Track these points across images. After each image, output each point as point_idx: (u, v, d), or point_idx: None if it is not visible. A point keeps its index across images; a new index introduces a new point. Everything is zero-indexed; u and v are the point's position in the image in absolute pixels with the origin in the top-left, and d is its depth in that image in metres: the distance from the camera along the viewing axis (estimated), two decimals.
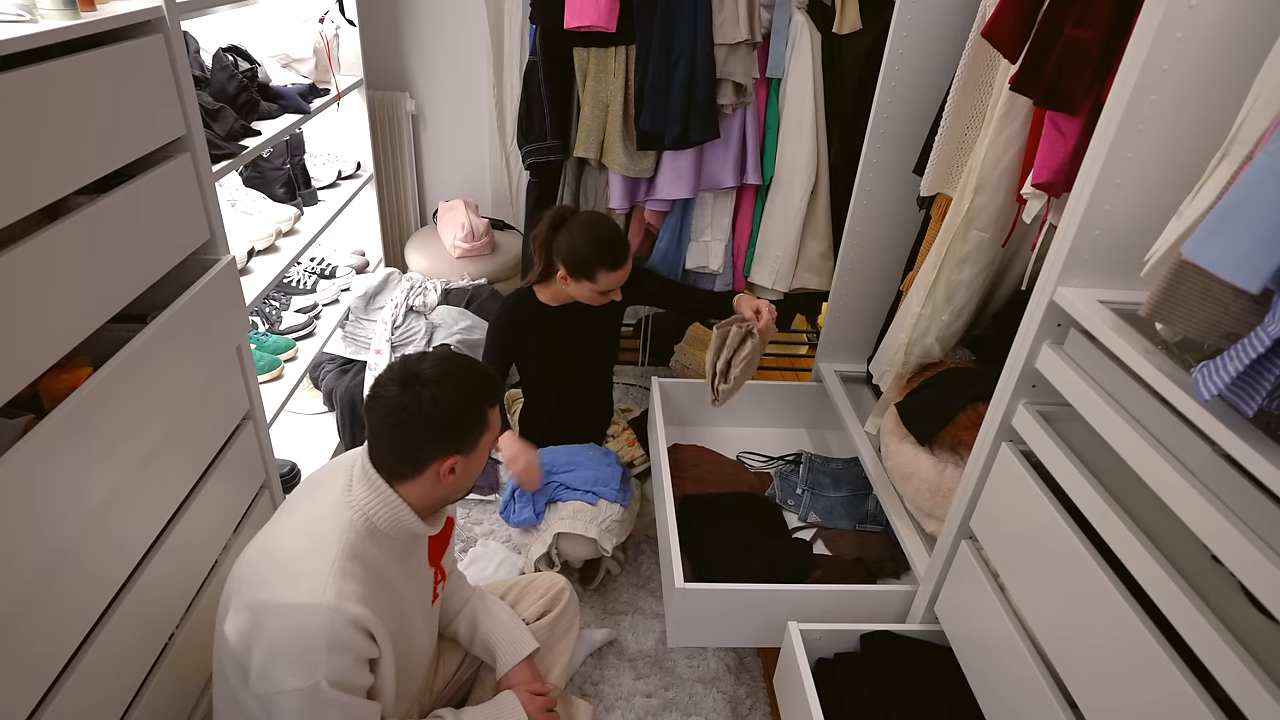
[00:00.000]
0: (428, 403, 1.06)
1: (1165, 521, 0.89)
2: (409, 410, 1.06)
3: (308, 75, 2.21)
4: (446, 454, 1.10)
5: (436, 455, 1.09)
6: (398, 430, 1.07)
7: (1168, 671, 0.84)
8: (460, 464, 1.12)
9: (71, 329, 1.00)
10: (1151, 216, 0.99)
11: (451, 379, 1.08)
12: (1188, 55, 0.91)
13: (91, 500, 1.04)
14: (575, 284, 1.76)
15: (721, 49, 1.93)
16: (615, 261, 1.71)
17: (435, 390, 1.06)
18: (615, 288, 1.77)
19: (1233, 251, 0.70)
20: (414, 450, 1.09)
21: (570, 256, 1.73)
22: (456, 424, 1.10)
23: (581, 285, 1.75)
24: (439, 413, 1.07)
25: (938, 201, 1.67)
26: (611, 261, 1.71)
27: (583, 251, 1.71)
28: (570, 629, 1.53)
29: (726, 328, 1.73)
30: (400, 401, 1.06)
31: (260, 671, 1.00)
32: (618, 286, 1.78)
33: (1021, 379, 1.16)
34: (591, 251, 1.71)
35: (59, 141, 0.96)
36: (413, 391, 1.06)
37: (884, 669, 1.35)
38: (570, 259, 1.73)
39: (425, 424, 1.07)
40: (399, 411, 1.06)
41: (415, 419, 1.06)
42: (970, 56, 1.46)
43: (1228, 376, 0.72)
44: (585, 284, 1.74)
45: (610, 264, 1.71)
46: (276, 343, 2.10)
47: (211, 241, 1.38)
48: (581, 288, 1.76)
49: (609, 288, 1.75)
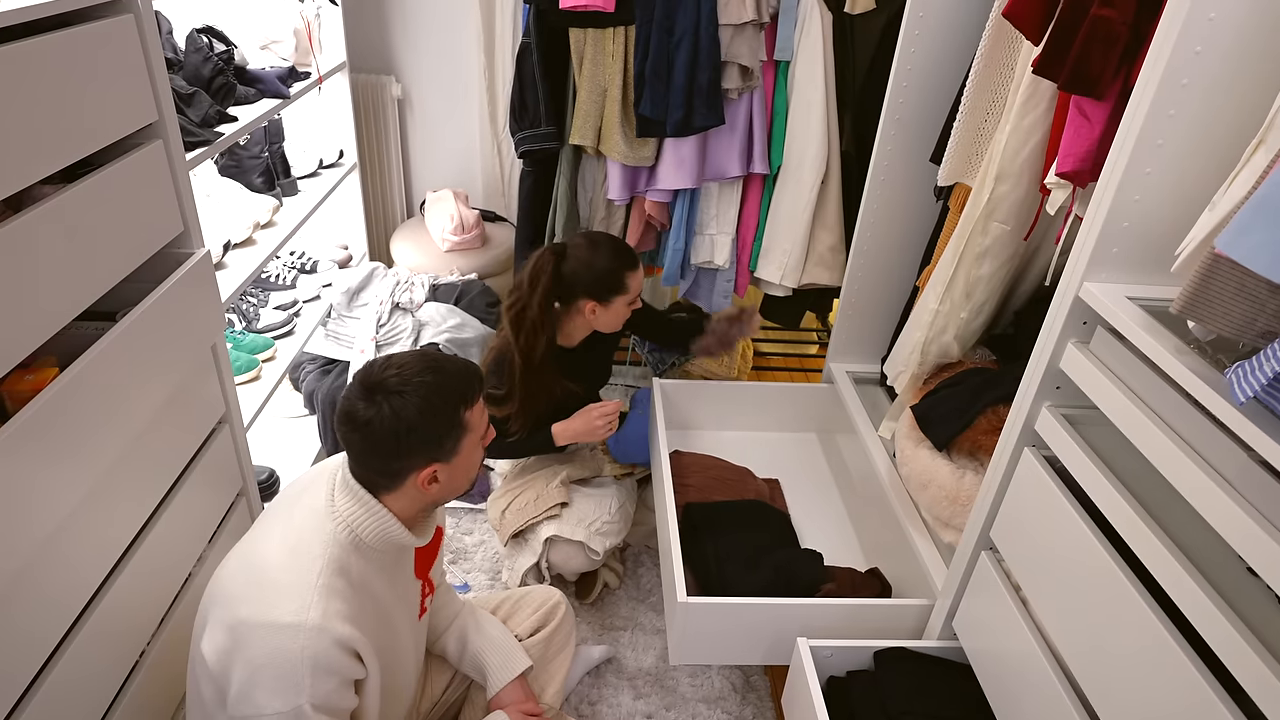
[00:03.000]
0: (389, 417, 1.04)
1: (1197, 531, 0.89)
2: (371, 424, 1.04)
3: (287, 57, 2.21)
4: (423, 464, 1.09)
5: (413, 467, 1.08)
6: (365, 444, 1.07)
7: (1200, 690, 0.84)
8: (442, 470, 1.11)
9: (36, 327, 1.00)
10: (1183, 208, 0.99)
11: (415, 388, 1.06)
12: (1221, 36, 0.90)
13: (57, 509, 1.04)
14: (606, 307, 1.74)
15: (726, 30, 1.93)
16: (630, 260, 1.75)
17: (398, 402, 1.04)
18: (640, 291, 1.80)
19: (1270, 245, 0.70)
20: (386, 464, 1.08)
21: (593, 279, 1.71)
22: (426, 434, 1.08)
23: (614, 304, 1.74)
24: (403, 426, 1.05)
25: (956, 192, 1.67)
26: (632, 261, 1.75)
27: (603, 265, 1.71)
28: (566, 646, 1.53)
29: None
30: (364, 415, 1.04)
31: (240, 693, 1.00)
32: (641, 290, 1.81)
33: (1045, 380, 1.15)
34: (612, 261, 1.72)
35: (23, 128, 0.96)
36: (375, 404, 1.04)
37: (899, 688, 1.35)
38: (595, 283, 1.72)
39: (391, 438, 1.05)
40: (363, 426, 1.05)
41: (379, 433, 1.05)
42: (990, 38, 1.46)
43: (1264, 378, 0.72)
44: (618, 300, 1.74)
45: (632, 263, 1.75)
46: (254, 342, 2.10)
47: (185, 234, 1.38)
48: (614, 307, 1.75)
49: (638, 291, 1.78)
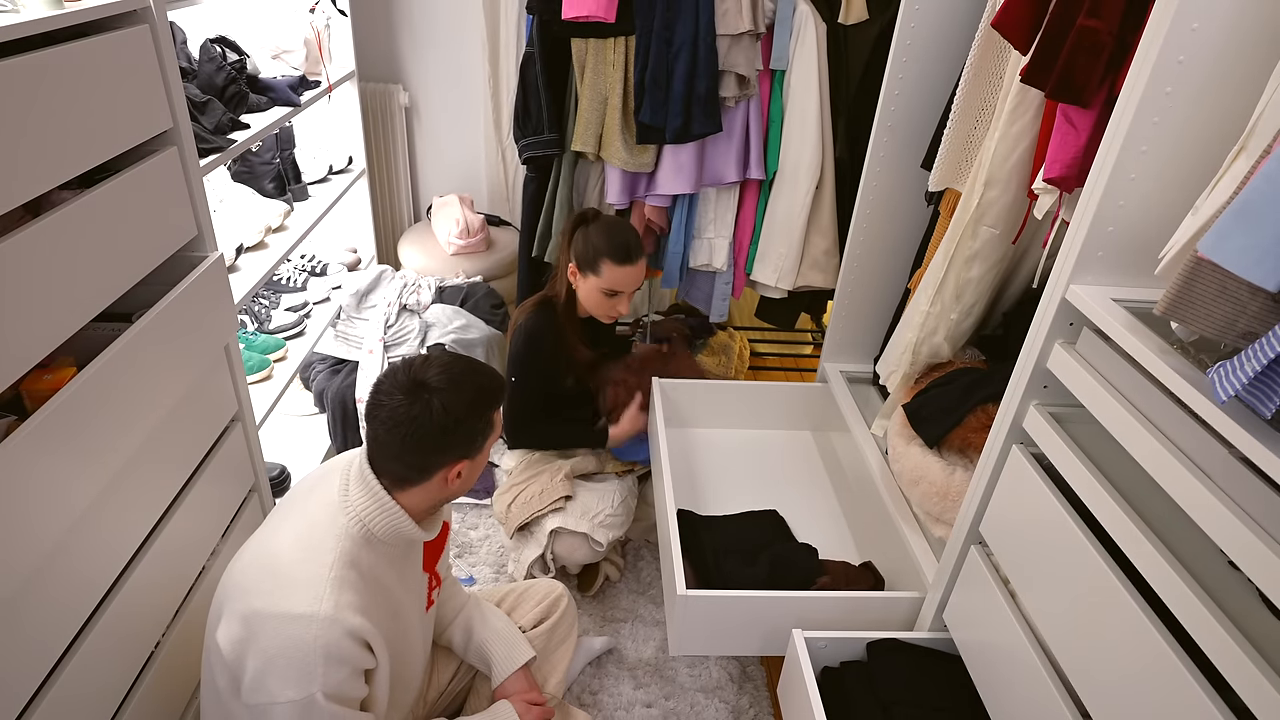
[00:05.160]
0: (439, 412, 1.06)
1: (1181, 526, 0.89)
2: (419, 420, 1.06)
3: (298, 67, 2.21)
4: (455, 460, 1.11)
5: (445, 462, 1.10)
6: (408, 440, 1.07)
7: (1183, 680, 0.84)
8: (466, 468, 1.13)
9: (55, 328, 1.00)
10: (1167, 212, 0.99)
11: (459, 386, 1.08)
12: (1204, 46, 0.90)
13: (75, 505, 1.04)
14: (583, 279, 1.78)
15: (724, 40, 1.93)
16: (622, 254, 1.73)
17: (445, 398, 1.06)
18: (622, 291, 1.78)
19: (1250, 248, 0.70)
20: (423, 459, 1.10)
21: (583, 247, 1.76)
22: (466, 431, 1.10)
23: (588, 282, 1.77)
24: (451, 420, 1.07)
25: (946, 197, 1.67)
26: (617, 253, 1.73)
27: (594, 241, 1.75)
28: (568, 637, 1.53)
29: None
30: (409, 411, 1.06)
31: (254, 681, 1.00)
32: (625, 292, 1.78)
33: (1033, 379, 1.16)
34: (602, 241, 1.74)
35: (42, 135, 0.96)
36: (421, 400, 1.06)
37: (891, 678, 1.35)
38: (582, 250, 1.77)
39: (437, 433, 1.07)
40: (408, 422, 1.06)
41: (425, 428, 1.06)
42: (980, 47, 1.46)
43: (1245, 377, 0.72)
44: (591, 280, 1.76)
45: (616, 256, 1.73)
46: (266, 342, 2.10)
47: (199, 238, 1.38)
48: (589, 286, 1.77)
49: (613, 285, 1.76)
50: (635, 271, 1.76)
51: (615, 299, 1.79)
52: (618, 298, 1.79)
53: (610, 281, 1.74)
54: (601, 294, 1.77)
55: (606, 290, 1.76)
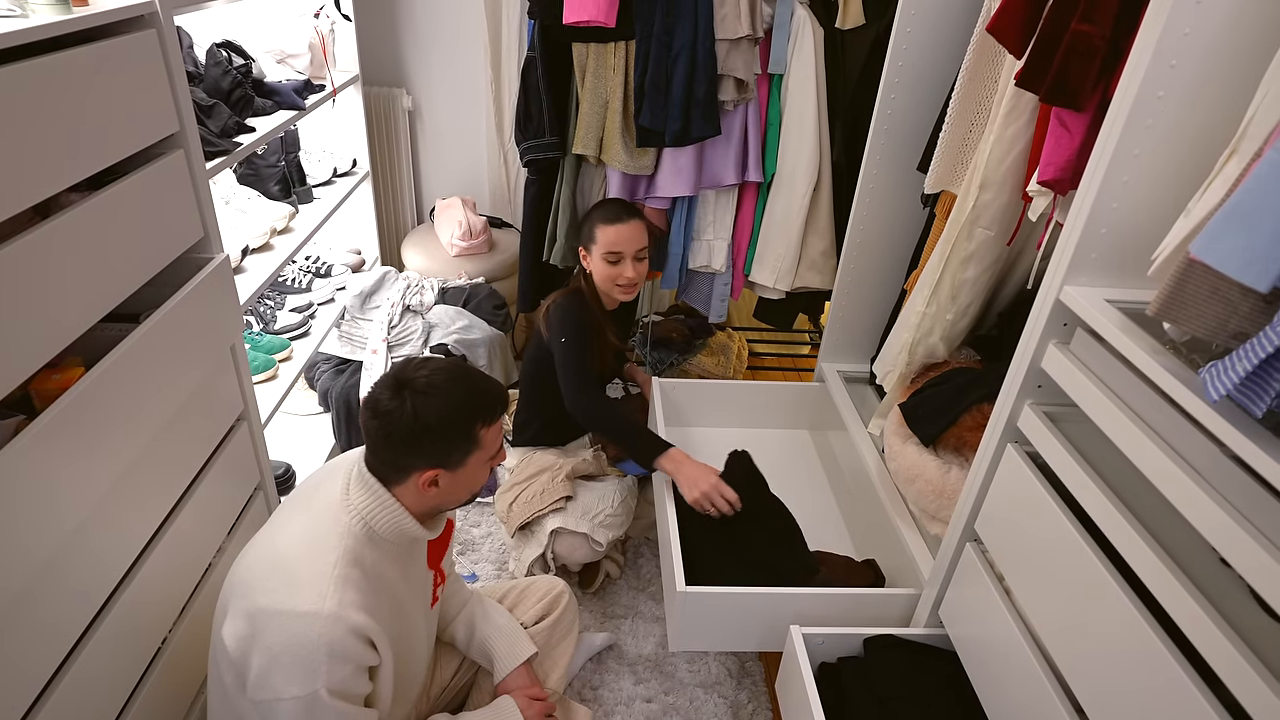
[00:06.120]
0: (409, 414, 1.05)
1: (1173, 524, 0.89)
2: (391, 418, 1.06)
3: (303, 71, 2.21)
4: (427, 466, 1.09)
5: (416, 466, 1.09)
6: (378, 436, 1.08)
7: (1175, 675, 0.84)
8: (444, 478, 1.11)
9: (63, 328, 1.00)
10: (1159, 214, 0.99)
11: (440, 392, 1.06)
12: (1196, 51, 0.91)
13: (83, 503, 1.04)
14: (589, 259, 1.83)
15: (723, 44, 1.93)
16: (611, 214, 1.78)
17: (420, 402, 1.05)
18: (622, 253, 1.79)
19: (1241, 250, 0.70)
20: (393, 458, 1.09)
21: (582, 226, 1.84)
22: (437, 439, 1.08)
23: (594, 257, 1.81)
24: (419, 425, 1.06)
25: (942, 199, 1.67)
26: (607, 214, 1.79)
27: (589, 216, 1.83)
28: (569, 633, 1.53)
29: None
30: (386, 406, 1.06)
31: (259, 678, 1.00)
32: (626, 254, 1.79)
33: (1027, 379, 1.16)
34: (593, 211, 1.82)
35: (50, 138, 0.96)
36: (399, 399, 1.05)
37: (888, 673, 1.35)
38: (583, 230, 1.84)
39: (405, 434, 1.06)
40: (383, 416, 1.06)
41: (394, 428, 1.06)
42: (975, 52, 1.46)
43: (1236, 377, 0.72)
44: (595, 252, 1.80)
45: (606, 217, 1.78)
46: (271, 342, 2.10)
47: (205, 240, 1.38)
48: (595, 262, 1.82)
49: (610, 246, 1.78)
50: (628, 229, 1.77)
51: (619, 266, 1.80)
52: (622, 264, 1.79)
53: (606, 243, 1.77)
54: (606, 263, 1.79)
55: (607, 255, 1.78)
